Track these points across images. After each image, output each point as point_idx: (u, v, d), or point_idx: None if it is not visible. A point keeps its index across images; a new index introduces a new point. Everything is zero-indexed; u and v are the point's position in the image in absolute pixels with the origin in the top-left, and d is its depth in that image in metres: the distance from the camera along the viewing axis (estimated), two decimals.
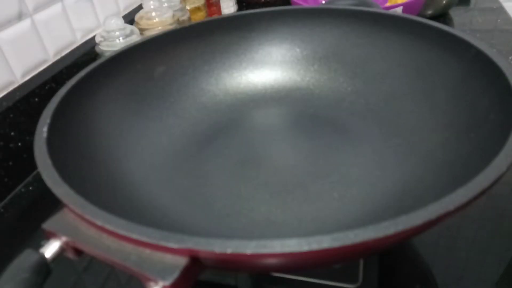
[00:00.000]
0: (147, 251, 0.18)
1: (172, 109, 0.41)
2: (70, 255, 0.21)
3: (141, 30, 0.52)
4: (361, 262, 0.29)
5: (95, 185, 0.28)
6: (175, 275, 0.17)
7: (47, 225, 0.21)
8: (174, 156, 0.37)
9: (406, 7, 0.57)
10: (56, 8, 0.50)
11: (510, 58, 0.55)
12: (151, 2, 0.53)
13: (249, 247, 0.16)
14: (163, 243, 0.17)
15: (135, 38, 0.50)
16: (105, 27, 0.49)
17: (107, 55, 0.37)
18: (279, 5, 0.48)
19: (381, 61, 0.40)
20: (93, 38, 0.54)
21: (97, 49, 0.50)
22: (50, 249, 0.20)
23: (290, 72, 0.45)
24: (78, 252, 0.21)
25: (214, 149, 0.38)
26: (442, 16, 0.68)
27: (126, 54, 0.38)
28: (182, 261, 0.17)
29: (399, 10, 0.57)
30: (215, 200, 0.32)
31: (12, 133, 0.42)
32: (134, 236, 0.18)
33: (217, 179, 0.34)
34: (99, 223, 0.19)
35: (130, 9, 0.66)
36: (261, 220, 0.30)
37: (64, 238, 0.20)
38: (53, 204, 0.37)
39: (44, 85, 0.46)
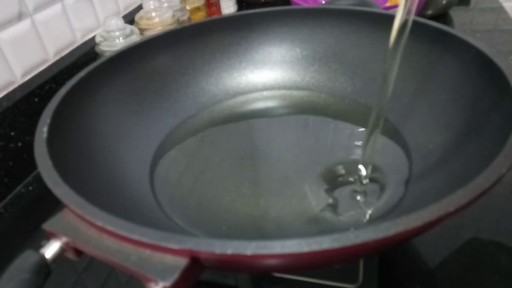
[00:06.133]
0: (148, 251, 0.18)
1: (172, 109, 0.41)
2: (70, 255, 0.21)
3: (141, 30, 0.52)
4: (361, 262, 0.29)
5: (95, 185, 0.28)
6: (176, 275, 0.17)
7: (47, 226, 0.21)
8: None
9: None
10: (56, 8, 0.50)
11: (510, 58, 0.55)
12: (151, 2, 0.53)
13: (249, 248, 0.16)
14: (164, 244, 0.17)
15: (135, 38, 0.50)
16: (105, 27, 0.49)
17: (107, 55, 0.37)
18: (279, 5, 0.48)
19: (381, 61, 0.40)
20: (93, 38, 0.54)
21: (97, 49, 0.50)
22: (50, 250, 0.20)
23: (290, 72, 0.45)
24: (78, 252, 0.21)
25: (214, 149, 0.38)
26: (442, 16, 0.68)
27: (126, 54, 0.38)
28: (182, 261, 0.17)
29: None
30: (215, 197, 0.32)
31: (12, 133, 0.42)
32: (135, 236, 0.18)
33: (216, 177, 0.34)
34: (99, 223, 0.19)
35: (130, 9, 0.66)
36: (261, 215, 0.30)
37: (64, 239, 0.20)
38: (53, 204, 0.37)
39: (44, 85, 0.46)
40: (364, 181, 0.31)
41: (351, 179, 0.33)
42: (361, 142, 0.36)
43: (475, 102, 0.30)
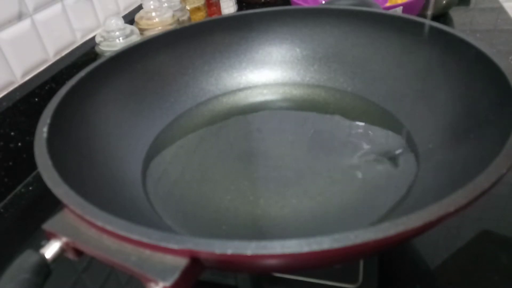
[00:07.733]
0: (147, 251, 0.18)
1: (172, 109, 0.41)
2: (70, 255, 0.21)
3: (141, 30, 0.52)
4: (361, 262, 0.29)
5: (95, 185, 0.28)
6: (176, 275, 0.17)
7: (47, 226, 0.21)
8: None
9: (406, 7, 0.57)
10: (56, 8, 0.50)
11: (510, 58, 0.55)
12: (151, 2, 0.53)
13: (249, 248, 0.16)
14: (164, 244, 0.17)
15: (135, 38, 0.50)
16: (105, 27, 0.49)
17: (107, 55, 0.37)
18: (279, 5, 0.48)
19: (381, 61, 0.40)
20: (93, 38, 0.54)
21: (97, 49, 0.50)
22: (51, 250, 0.20)
23: (290, 72, 0.45)
24: (78, 252, 0.21)
25: (214, 148, 0.38)
26: (442, 16, 0.68)
27: (126, 54, 0.38)
28: (182, 261, 0.18)
29: (399, 10, 0.57)
30: (214, 196, 0.32)
31: (12, 133, 0.42)
32: (135, 236, 0.18)
33: (216, 175, 0.34)
34: (99, 223, 0.19)
35: (130, 9, 0.66)
36: (261, 214, 0.30)
37: (64, 239, 0.20)
38: (53, 204, 0.37)
39: (44, 85, 0.46)
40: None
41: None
42: (361, 137, 0.36)
43: (475, 102, 0.30)
